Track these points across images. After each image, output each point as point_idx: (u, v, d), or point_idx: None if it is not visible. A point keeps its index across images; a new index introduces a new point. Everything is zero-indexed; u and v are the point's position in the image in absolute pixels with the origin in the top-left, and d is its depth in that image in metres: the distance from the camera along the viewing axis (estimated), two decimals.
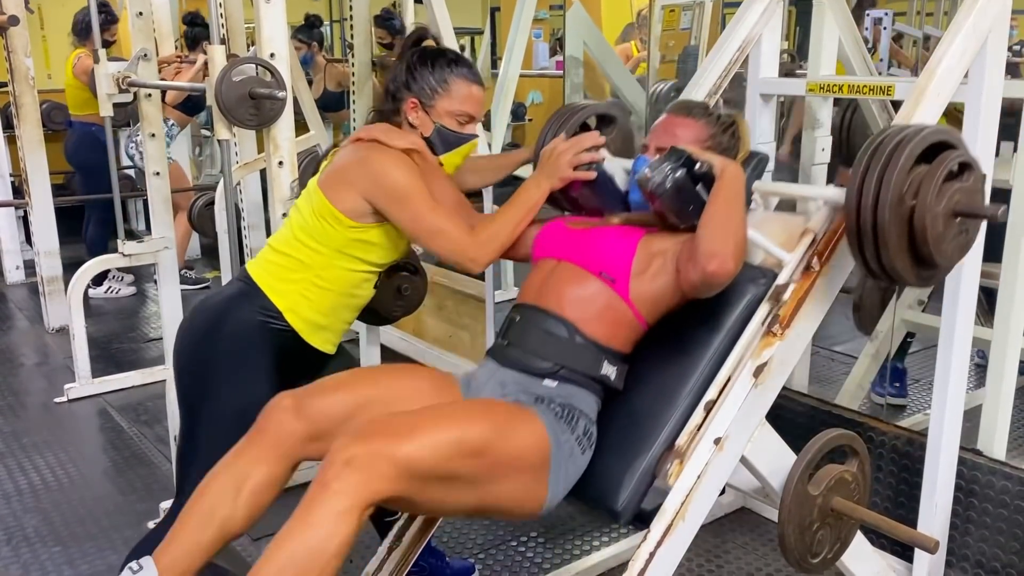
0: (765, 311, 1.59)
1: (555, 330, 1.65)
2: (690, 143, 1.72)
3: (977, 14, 1.70)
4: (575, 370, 1.63)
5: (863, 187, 1.44)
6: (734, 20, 2.20)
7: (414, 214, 1.75)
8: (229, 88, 2.28)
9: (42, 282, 4.38)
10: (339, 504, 1.34)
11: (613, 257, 1.66)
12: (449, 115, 1.86)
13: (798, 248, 1.60)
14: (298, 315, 1.84)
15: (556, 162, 1.79)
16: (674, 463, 1.53)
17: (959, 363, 1.90)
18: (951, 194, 1.45)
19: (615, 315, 1.65)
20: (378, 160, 1.78)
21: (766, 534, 2.46)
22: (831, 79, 2.21)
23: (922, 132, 1.45)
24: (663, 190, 1.59)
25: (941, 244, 1.46)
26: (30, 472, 2.92)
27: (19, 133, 4.28)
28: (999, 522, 2.06)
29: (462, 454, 1.43)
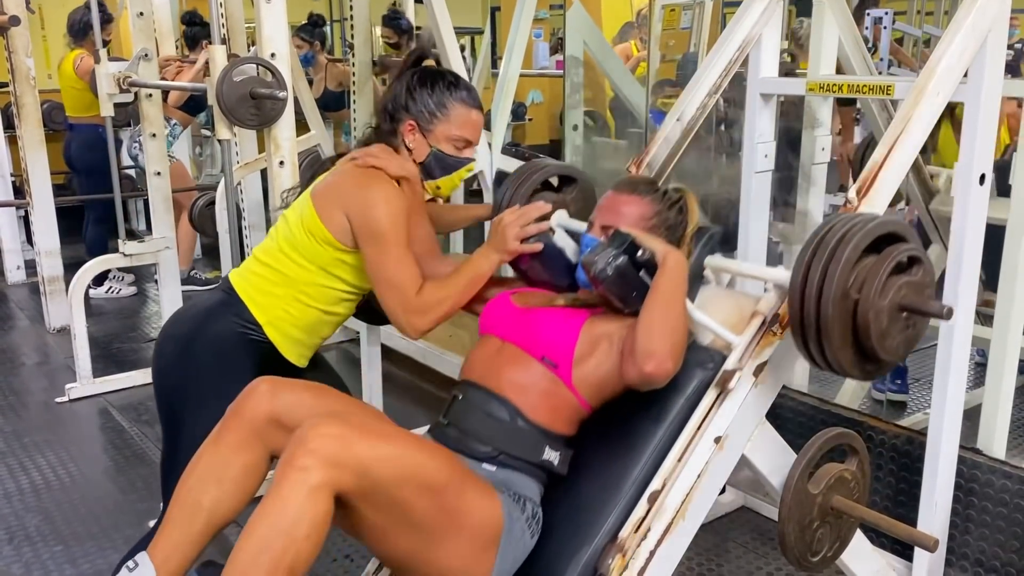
0: (711, 398, 1.55)
1: (496, 413, 1.60)
2: (636, 221, 1.69)
3: (976, 13, 1.70)
4: (515, 456, 1.59)
5: (806, 279, 1.40)
6: (734, 19, 2.20)
7: (380, 258, 1.74)
8: (230, 88, 2.29)
9: (43, 282, 4.38)
10: (306, 480, 1.32)
11: (556, 341, 1.62)
12: (447, 139, 1.85)
13: (747, 331, 1.57)
14: (277, 329, 1.84)
15: (503, 235, 1.77)
16: (616, 557, 1.48)
17: (959, 362, 1.90)
18: (897, 288, 1.41)
19: (558, 400, 1.61)
20: (372, 191, 1.76)
21: (766, 533, 2.46)
22: (831, 79, 2.21)
23: (869, 224, 1.41)
24: (605, 276, 1.56)
25: (885, 340, 1.42)
26: (31, 471, 2.92)
27: (20, 133, 4.28)
28: (999, 521, 2.07)
29: (418, 485, 1.41)
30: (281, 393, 1.57)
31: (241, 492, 1.55)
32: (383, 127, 1.90)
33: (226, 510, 1.54)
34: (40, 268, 4.39)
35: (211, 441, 1.58)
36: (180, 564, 1.51)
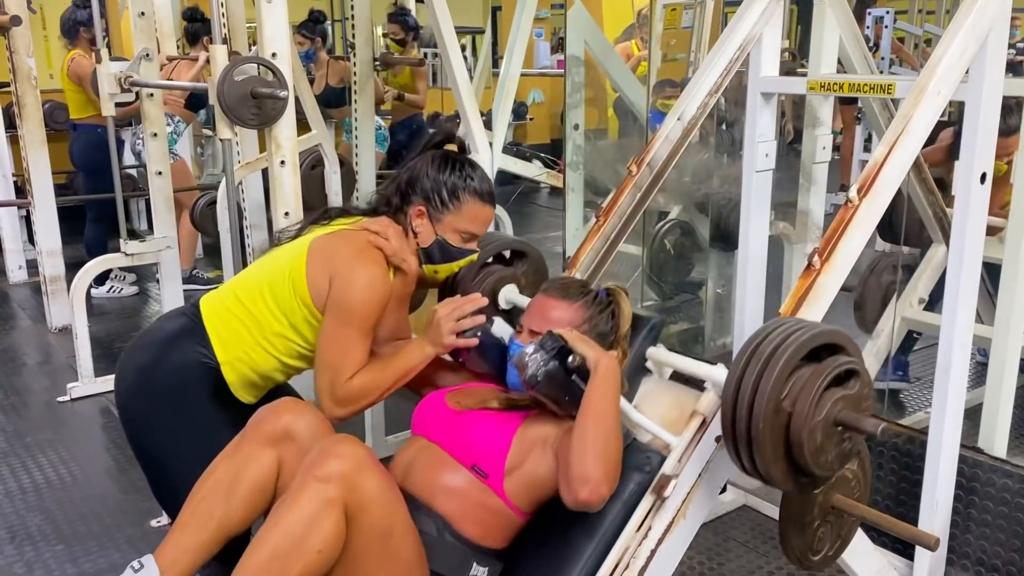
0: (647, 505, 1.52)
1: (423, 526, 1.55)
2: (564, 327, 1.64)
3: (977, 13, 1.70)
4: (440, 574, 1.55)
5: (739, 389, 1.35)
6: (735, 19, 2.20)
7: (335, 333, 1.72)
8: (231, 87, 2.29)
9: (44, 281, 4.39)
10: (325, 492, 1.35)
11: (487, 450, 1.58)
12: (454, 231, 1.84)
13: (685, 432, 1.54)
14: (234, 369, 1.82)
15: (437, 328, 1.73)
16: None
17: (959, 361, 1.90)
18: (833, 402, 1.36)
19: (488, 512, 1.57)
20: (361, 269, 1.74)
21: (767, 532, 2.46)
22: (832, 77, 2.21)
23: (804, 335, 1.36)
24: (536, 381, 1.53)
25: (819, 456, 1.37)
26: (33, 471, 2.92)
27: (21, 133, 4.29)
28: (1000, 520, 2.07)
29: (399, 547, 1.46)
30: (297, 413, 1.60)
31: (253, 505, 1.56)
32: (393, 201, 1.87)
33: (237, 521, 1.55)
34: (42, 268, 4.39)
35: (228, 452, 1.60)
36: (185, 570, 1.52)
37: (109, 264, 3.72)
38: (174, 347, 1.83)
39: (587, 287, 1.77)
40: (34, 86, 4.22)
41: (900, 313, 2.87)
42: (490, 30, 8.56)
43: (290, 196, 2.45)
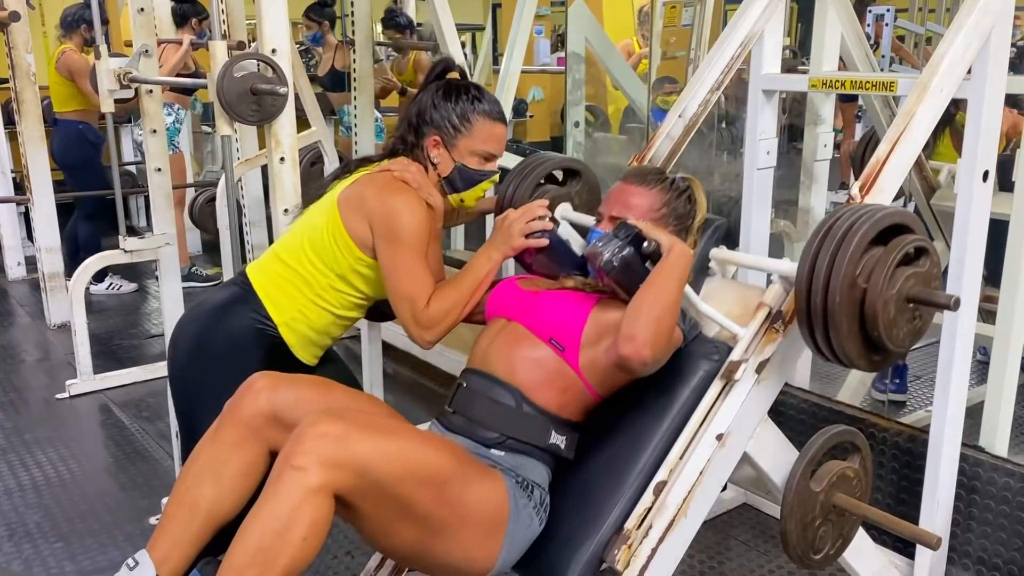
0: (717, 389, 1.56)
1: (502, 399, 1.61)
2: (644, 212, 1.69)
3: (980, 10, 1.69)
4: (522, 440, 1.59)
5: (814, 269, 1.41)
6: (736, 16, 2.19)
7: (396, 264, 1.76)
8: (231, 84, 2.28)
9: (43, 278, 4.38)
10: (303, 481, 1.32)
11: (563, 324, 1.62)
12: (471, 153, 1.86)
13: (752, 323, 1.58)
14: (292, 330, 1.85)
15: (507, 232, 1.79)
16: (621, 548, 1.48)
17: (961, 360, 1.89)
18: (905, 279, 1.41)
19: (564, 383, 1.61)
20: (399, 199, 1.77)
21: (767, 530, 2.46)
22: (833, 75, 2.21)
23: (876, 215, 1.41)
24: (611, 267, 1.57)
25: (893, 330, 1.42)
26: (32, 468, 2.92)
27: (20, 129, 4.28)
28: (1001, 519, 2.06)
29: (421, 480, 1.41)
30: (280, 389, 1.57)
31: (240, 490, 1.54)
32: (408, 139, 1.90)
33: (225, 508, 1.54)
34: (40, 264, 4.39)
35: (209, 438, 1.57)
36: (179, 562, 1.51)
37: (108, 261, 3.71)
38: (228, 314, 1.86)
39: (664, 173, 1.79)
40: (33, 82, 4.22)
41: None
42: (490, 27, 8.54)
43: (290, 193, 2.44)
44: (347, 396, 1.65)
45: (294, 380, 1.61)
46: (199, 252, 5.71)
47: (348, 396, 1.65)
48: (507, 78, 3.36)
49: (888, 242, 1.42)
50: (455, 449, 1.53)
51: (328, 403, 1.57)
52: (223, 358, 1.83)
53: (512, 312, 1.71)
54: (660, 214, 1.71)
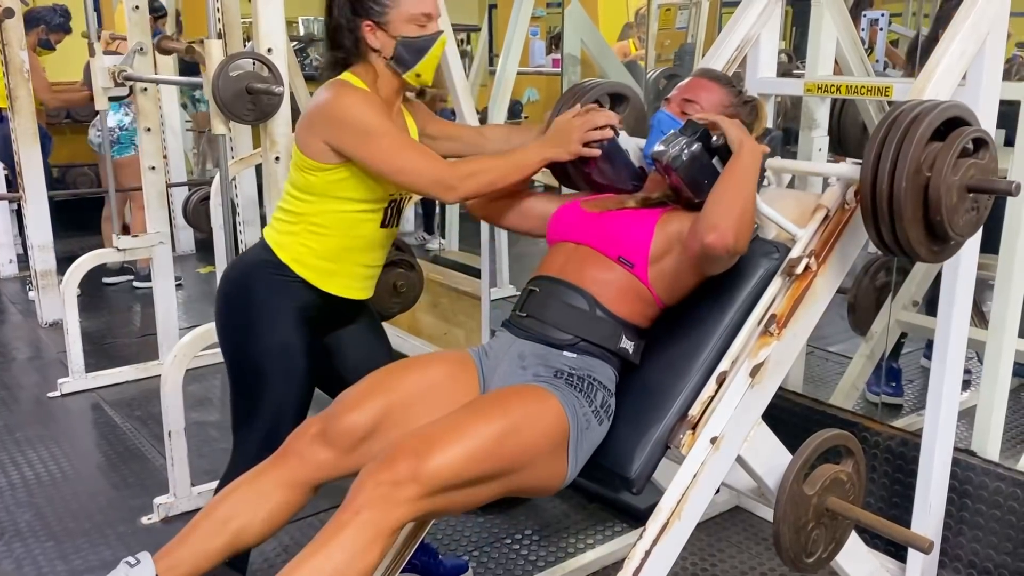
0: (777, 285, 1.61)
1: (575, 303, 1.67)
2: (713, 107, 1.75)
3: (976, 16, 1.70)
4: (594, 343, 1.65)
5: (880, 158, 1.46)
6: (732, 19, 2.20)
7: (376, 151, 1.73)
8: (226, 83, 2.28)
9: (35, 276, 4.36)
10: (367, 533, 1.38)
11: (631, 242, 1.67)
12: (407, 22, 1.79)
13: (811, 223, 1.62)
14: (303, 264, 1.86)
15: (568, 136, 1.78)
16: (687, 433, 1.55)
17: (954, 364, 1.90)
18: (965, 169, 1.48)
19: (635, 295, 1.67)
20: (338, 99, 1.75)
21: (760, 533, 2.46)
22: (829, 79, 2.22)
23: (939, 106, 1.48)
24: (679, 163, 1.60)
25: (954, 216, 1.48)
26: (23, 467, 2.91)
27: (13, 126, 4.26)
28: (992, 523, 2.07)
29: (483, 459, 1.45)
30: (333, 429, 1.59)
31: (272, 522, 1.58)
32: (345, 44, 1.83)
33: (251, 536, 1.56)
34: (32, 262, 4.36)
35: (257, 472, 1.61)
36: (189, 573, 1.52)
37: (101, 259, 3.69)
38: (252, 271, 1.90)
39: (733, 80, 1.87)
40: (26, 79, 4.20)
41: (894, 315, 2.87)
42: (486, 28, 8.54)
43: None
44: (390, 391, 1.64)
45: (339, 410, 1.62)
46: (192, 251, 5.70)
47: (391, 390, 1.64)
48: (503, 79, 3.35)
49: (946, 136, 1.47)
50: (498, 404, 1.55)
51: (379, 413, 1.59)
52: (259, 312, 1.86)
53: (579, 235, 1.75)
54: (727, 112, 1.75)
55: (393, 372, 1.69)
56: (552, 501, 2.63)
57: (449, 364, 1.71)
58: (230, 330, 1.92)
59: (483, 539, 2.45)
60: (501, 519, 2.53)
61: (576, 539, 2.46)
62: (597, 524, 2.52)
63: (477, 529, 2.49)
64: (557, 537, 2.47)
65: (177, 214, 5.20)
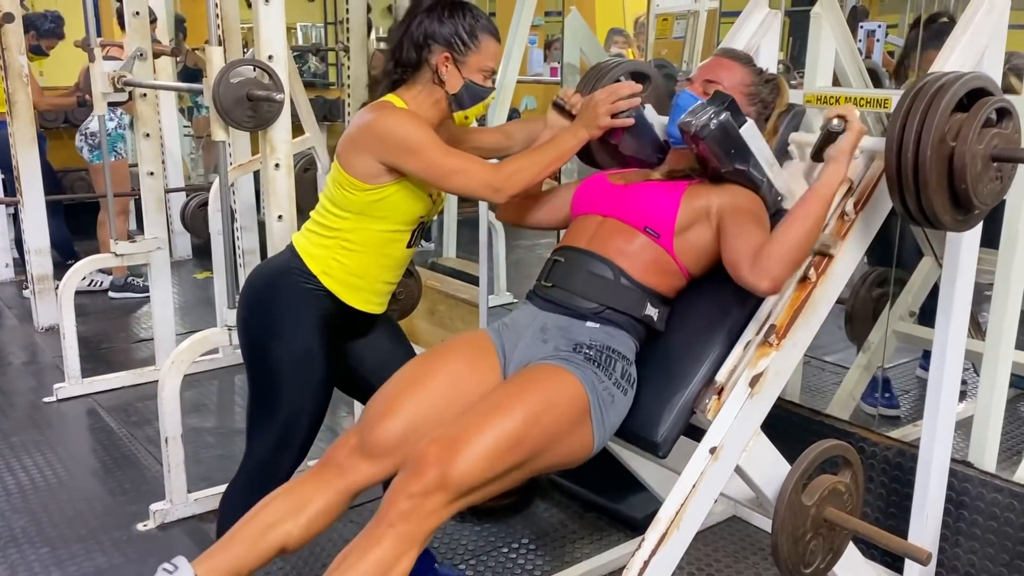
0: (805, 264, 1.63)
1: (601, 272, 1.70)
2: (735, 86, 1.79)
3: (974, 30, 1.71)
4: (619, 311, 1.68)
5: (905, 128, 1.49)
6: (732, 30, 2.21)
7: (428, 162, 1.78)
8: (227, 90, 2.28)
9: (32, 280, 4.35)
10: (402, 545, 1.43)
11: (657, 213, 1.71)
12: (478, 70, 1.87)
13: (835, 195, 1.64)
14: (332, 277, 1.90)
15: (595, 111, 1.85)
16: (712, 398, 1.58)
17: (951, 375, 1.91)
18: (990, 138, 1.50)
19: (660, 266, 1.71)
20: (384, 119, 1.81)
21: (756, 543, 2.46)
22: (828, 91, 2.22)
23: (962, 77, 1.51)
24: (707, 131, 1.61)
25: (978, 184, 1.51)
26: (18, 472, 2.90)
27: (12, 131, 4.25)
28: (989, 534, 2.07)
29: (506, 452, 1.49)
30: (371, 442, 1.64)
31: (312, 528, 1.62)
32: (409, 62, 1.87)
33: (292, 541, 1.61)
34: (29, 266, 4.35)
35: (299, 481, 1.66)
36: None
37: (98, 264, 3.69)
38: (279, 277, 1.92)
39: (754, 60, 1.91)
40: (25, 84, 4.20)
41: (891, 326, 2.88)
42: None
43: (284, 199, 2.44)
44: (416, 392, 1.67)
45: (372, 421, 1.66)
46: (189, 256, 5.69)
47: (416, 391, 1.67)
48: (503, 88, 3.36)
49: (969, 107, 1.51)
50: (516, 394, 1.57)
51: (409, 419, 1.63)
52: (281, 317, 1.89)
53: (604, 207, 1.78)
54: (747, 91, 1.81)
55: (416, 372, 1.72)
56: (549, 510, 2.63)
57: (468, 351, 1.74)
58: (253, 332, 1.94)
59: (480, 548, 2.44)
60: (498, 528, 2.53)
61: (573, 548, 2.45)
62: (594, 533, 2.51)
63: (474, 538, 2.49)
64: (554, 546, 2.46)
65: (174, 219, 5.20)
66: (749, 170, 1.65)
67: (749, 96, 1.82)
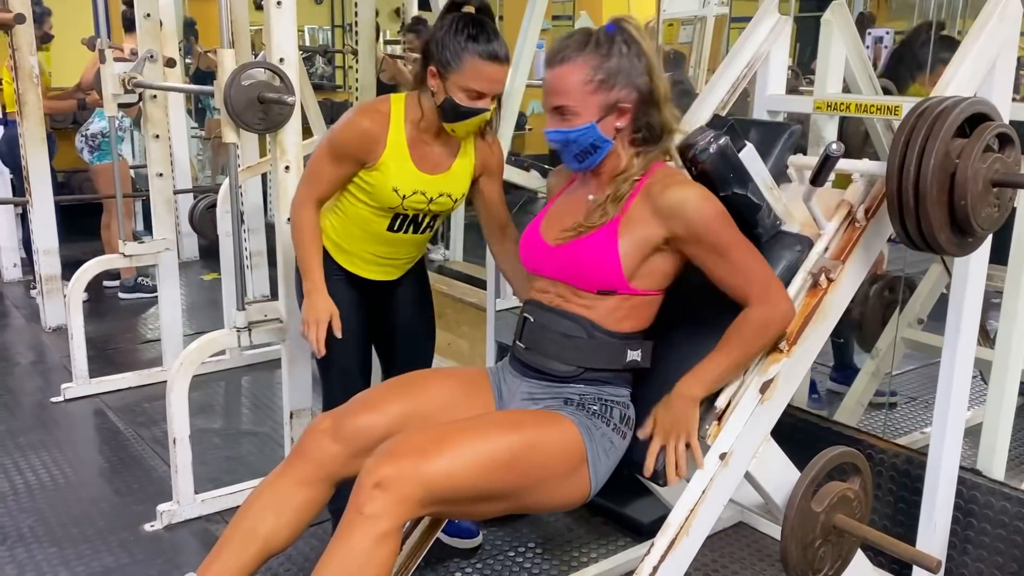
0: (800, 281, 1.63)
1: (572, 332, 1.64)
2: (579, 94, 1.57)
3: (986, 38, 1.71)
4: (600, 368, 1.64)
5: (908, 146, 1.50)
6: (743, 36, 2.21)
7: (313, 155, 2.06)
8: (238, 92, 2.28)
9: (40, 280, 4.36)
10: (374, 528, 1.38)
11: (603, 274, 1.61)
12: (459, 89, 1.91)
13: (834, 218, 1.66)
14: (328, 239, 2.12)
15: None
16: (712, 424, 1.56)
17: (960, 383, 1.91)
18: (991, 163, 1.51)
19: (632, 308, 1.63)
20: (351, 113, 2.04)
21: (763, 549, 2.46)
22: (839, 97, 2.23)
23: (965, 101, 1.52)
24: (706, 155, 1.58)
25: (979, 205, 1.51)
26: (26, 471, 2.90)
27: (22, 131, 4.27)
28: (997, 542, 2.07)
29: (492, 469, 1.46)
30: (345, 426, 1.63)
31: (297, 523, 1.62)
32: (422, 63, 1.99)
33: (281, 539, 1.61)
34: (38, 266, 4.37)
35: (275, 475, 1.65)
36: None
37: (107, 265, 3.70)
38: None
39: (587, 33, 1.61)
40: (36, 84, 4.21)
41: (899, 333, 2.88)
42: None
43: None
44: (406, 398, 1.66)
45: (353, 409, 1.66)
46: (196, 257, 5.70)
47: (406, 398, 1.67)
48: (512, 93, 3.36)
49: (970, 132, 1.52)
50: (511, 420, 1.56)
51: (392, 418, 1.62)
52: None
53: (550, 271, 1.69)
54: (598, 80, 1.57)
55: (414, 381, 1.72)
56: (555, 514, 2.63)
57: (468, 382, 1.73)
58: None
59: (485, 551, 2.44)
60: (504, 531, 2.52)
61: (579, 552, 2.45)
62: (600, 538, 2.51)
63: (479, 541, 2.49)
64: (560, 550, 2.46)
65: (180, 221, 5.22)
66: (748, 194, 1.62)
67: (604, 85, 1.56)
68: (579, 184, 1.76)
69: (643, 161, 1.65)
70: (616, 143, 1.65)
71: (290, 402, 2.59)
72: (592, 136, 1.61)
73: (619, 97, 1.60)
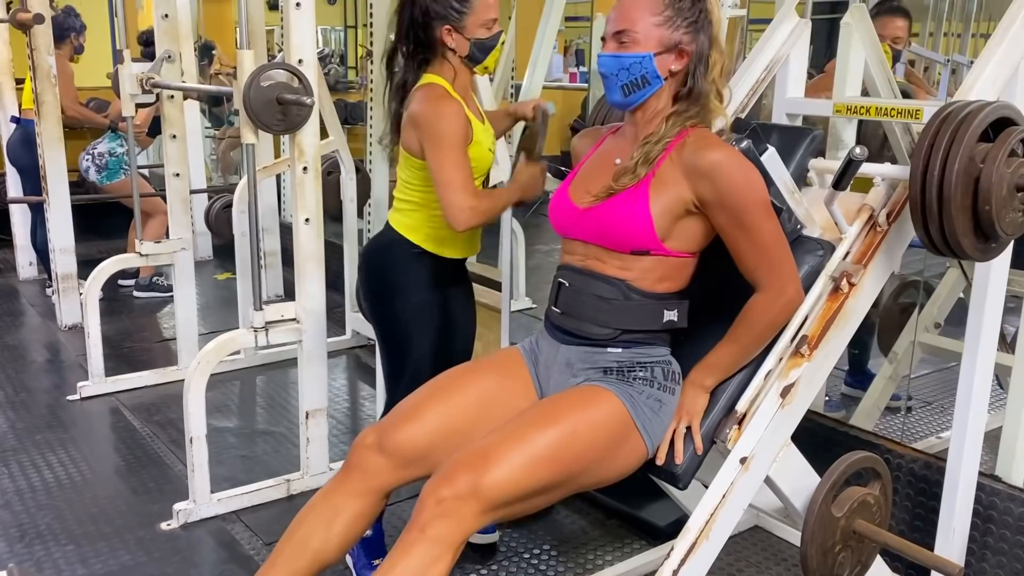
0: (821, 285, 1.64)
1: (608, 294, 1.63)
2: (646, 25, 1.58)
3: (1010, 42, 1.71)
4: (637, 330, 1.64)
5: (932, 149, 1.49)
6: (762, 39, 2.21)
7: (440, 161, 1.96)
8: (257, 93, 2.30)
9: (56, 279, 4.39)
10: (435, 550, 1.42)
11: (636, 234, 1.59)
12: (478, 26, 2.03)
13: (856, 222, 1.66)
14: (429, 239, 2.13)
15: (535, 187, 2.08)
16: (733, 428, 1.57)
17: (981, 388, 1.90)
18: (1016, 167, 1.51)
19: (667, 269, 1.63)
20: (440, 105, 1.99)
21: (779, 553, 2.45)
22: (858, 101, 2.22)
23: (989, 105, 1.52)
24: None
25: (1003, 210, 1.51)
26: (43, 469, 2.92)
27: (39, 130, 4.29)
28: (1017, 549, 2.06)
29: (542, 467, 1.49)
30: (389, 439, 1.65)
31: (348, 535, 1.65)
32: (424, 43, 2.06)
33: (332, 551, 1.64)
34: (54, 265, 4.39)
35: (327, 488, 1.68)
36: None
37: (123, 264, 3.72)
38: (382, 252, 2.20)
39: None
40: (53, 84, 4.23)
41: (918, 337, 2.86)
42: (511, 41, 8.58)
43: (311, 202, 2.46)
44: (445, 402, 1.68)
45: (395, 421, 1.67)
46: (210, 257, 5.72)
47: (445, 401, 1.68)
48: (529, 93, 3.36)
49: (995, 137, 1.52)
50: (552, 412, 1.57)
51: (435, 426, 1.64)
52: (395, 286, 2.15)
53: (582, 233, 1.68)
54: (664, 16, 1.58)
55: (451, 383, 1.73)
56: (570, 516, 2.63)
57: (502, 370, 1.74)
58: (378, 298, 2.19)
59: (501, 553, 2.44)
60: (519, 533, 2.52)
61: (594, 555, 2.45)
62: (615, 541, 2.51)
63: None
64: (575, 553, 2.46)
65: (195, 220, 5.23)
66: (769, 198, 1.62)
67: (668, 21, 1.57)
68: (607, 147, 1.77)
69: (676, 123, 1.62)
70: (664, 88, 1.63)
71: (306, 402, 2.60)
72: (646, 68, 1.59)
73: (682, 40, 1.60)
